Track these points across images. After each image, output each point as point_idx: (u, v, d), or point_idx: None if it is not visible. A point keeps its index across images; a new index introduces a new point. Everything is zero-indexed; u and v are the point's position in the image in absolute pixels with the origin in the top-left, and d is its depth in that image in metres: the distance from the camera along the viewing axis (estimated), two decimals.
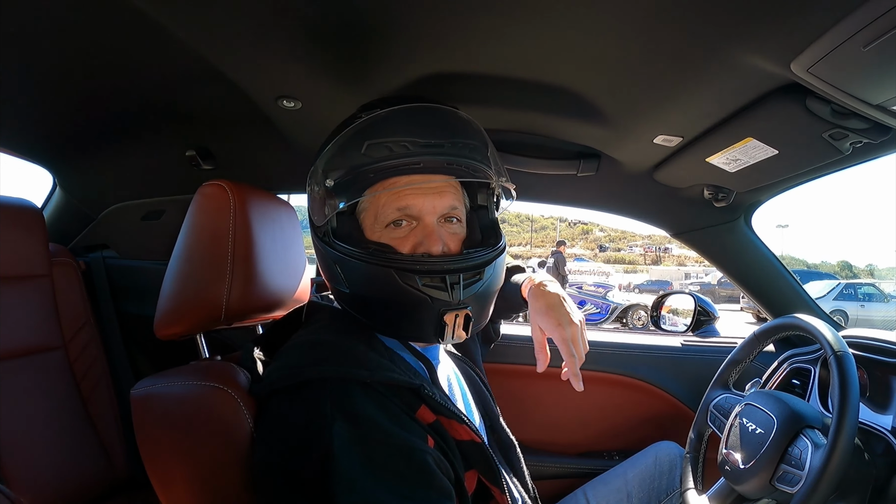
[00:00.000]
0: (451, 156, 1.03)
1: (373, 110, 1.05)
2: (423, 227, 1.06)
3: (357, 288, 1.04)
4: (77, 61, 1.38)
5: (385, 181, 1.03)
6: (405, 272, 0.98)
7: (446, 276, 1.00)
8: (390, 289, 0.99)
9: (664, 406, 2.05)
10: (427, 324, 1.02)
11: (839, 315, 14.91)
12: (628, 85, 1.23)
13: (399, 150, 1.00)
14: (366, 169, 1.02)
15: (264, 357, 1.16)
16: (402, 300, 1.00)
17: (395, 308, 1.02)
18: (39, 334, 1.86)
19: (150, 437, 1.00)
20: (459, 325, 1.02)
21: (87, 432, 1.91)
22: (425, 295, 0.99)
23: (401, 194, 1.04)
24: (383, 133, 1.01)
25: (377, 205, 1.06)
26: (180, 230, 1.22)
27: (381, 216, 1.05)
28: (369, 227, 1.07)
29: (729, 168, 1.48)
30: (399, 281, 0.98)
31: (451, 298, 1.00)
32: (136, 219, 2.25)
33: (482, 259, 1.05)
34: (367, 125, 1.03)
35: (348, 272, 1.03)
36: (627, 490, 1.62)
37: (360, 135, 1.02)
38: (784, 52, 0.94)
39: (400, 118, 1.04)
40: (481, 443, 1.06)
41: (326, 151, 1.06)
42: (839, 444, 1.09)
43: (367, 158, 1.01)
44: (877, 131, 1.13)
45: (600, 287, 16.66)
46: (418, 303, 0.99)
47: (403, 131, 1.02)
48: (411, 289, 0.98)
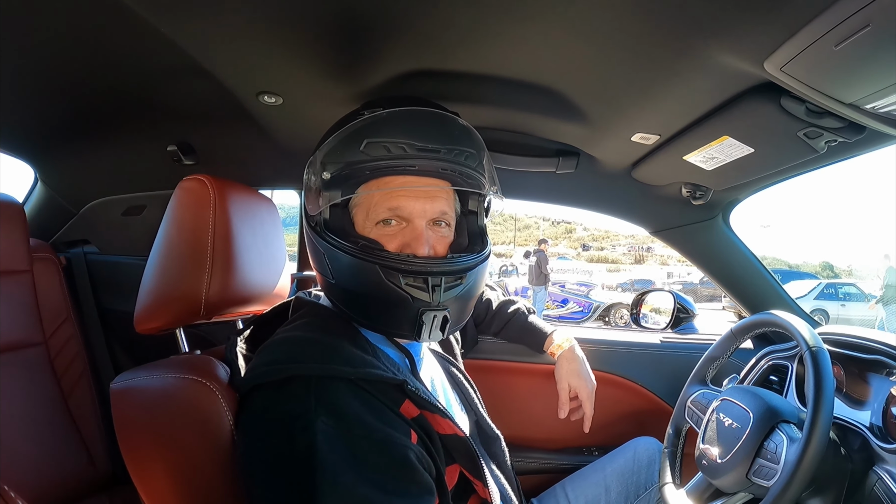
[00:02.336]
0: (447, 161, 1.07)
1: (375, 109, 1.07)
2: (412, 228, 1.09)
3: (342, 279, 1.06)
4: (59, 55, 1.38)
5: (379, 179, 1.07)
6: (390, 270, 1.01)
7: (429, 278, 1.03)
8: (374, 284, 1.02)
9: (643, 402, 2.06)
10: (405, 321, 1.05)
11: (820, 314, 15.03)
12: (605, 83, 1.24)
13: (396, 150, 1.03)
14: (362, 166, 1.04)
15: (247, 352, 1.17)
16: (384, 296, 1.02)
17: (376, 302, 1.04)
18: (20, 330, 1.85)
19: (130, 429, 1.00)
20: (437, 325, 1.05)
21: (67, 429, 1.90)
22: (406, 294, 1.02)
23: (393, 194, 1.07)
24: (383, 133, 1.04)
25: (370, 202, 1.08)
26: (161, 225, 1.22)
27: (373, 213, 1.08)
28: (360, 223, 1.10)
29: (706, 166, 1.49)
30: (383, 277, 1.01)
31: (430, 299, 1.03)
32: (117, 214, 2.24)
33: (465, 264, 1.09)
34: (369, 123, 1.05)
35: (335, 263, 1.06)
36: (606, 484, 1.63)
37: (360, 132, 1.05)
38: (757, 51, 0.95)
39: (400, 120, 1.06)
40: (464, 437, 1.08)
41: (326, 144, 1.08)
42: (814, 438, 1.10)
43: (364, 156, 1.04)
44: (851, 130, 1.15)
45: (583, 286, 16.69)
46: (399, 300, 1.02)
47: (402, 133, 1.04)
48: (394, 286, 1.01)
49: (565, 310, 14.91)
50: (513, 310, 1.84)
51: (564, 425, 1.68)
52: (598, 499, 1.61)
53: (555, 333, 1.75)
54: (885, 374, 1.36)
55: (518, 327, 1.82)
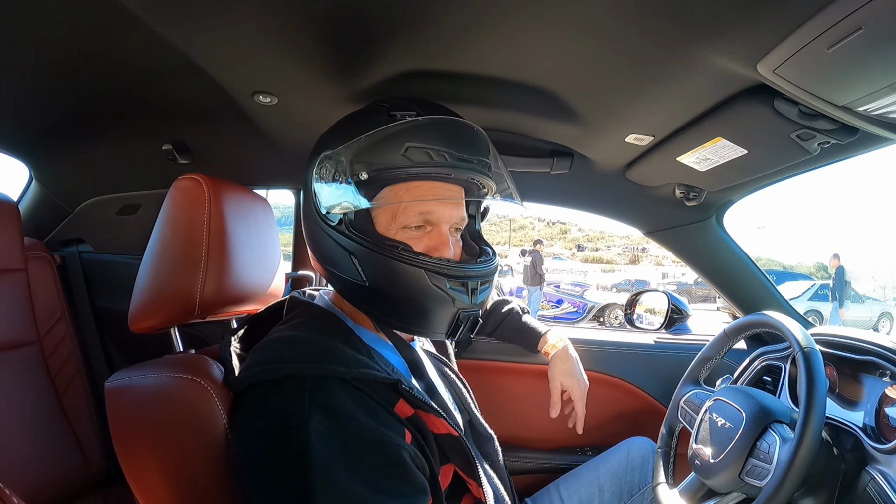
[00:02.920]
0: (475, 171, 1.09)
1: (406, 112, 1.08)
2: (438, 234, 1.11)
3: (378, 282, 1.06)
4: (54, 54, 1.37)
5: (411, 183, 1.07)
6: (435, 274, 1.04)
7: (468, 282, 1.07)
8: (419, 287, 1.04)
9: (637, 402, 2.07)
10: (445, 322, 1.08)
11: (814, 315, 15.08)
12: (600, 84, 1.25)
13: (437, 158, 1.05)
14: (402, 170, 1.05)
15: (241, 351, 1.17)
16: (429, 299, 1.05)
17: (418, 305, 1.06)
18: (14, 329, 1.84)
19: (124, 428, 1.00)
20: (468, 325, 1.11)
21: (62, 428, 1.89)
22: (450, 297, 1.05)
23: (424, 200, 1.08)
24: (423, 139, 1.05)
25: (398, 204, 1.08)
26: (155, 223, 1.22)
27: (402, 217, 1.08)
28: (384, 224, 1.09)
29: (699, 167, 1.50)
30: (428, 281, 1.03)
31: (470, 302, 1.07)
32: (112, 213, 2.24)
33: (493, 267, 1.15)
34: (409, 128, 1.05)
35: (369, 265, 1.05)
36: (600, 484, 1.64)
37: (401, 135, 1.04)
38: (750, 54, 0.95)
39: (440, 128, 1.08)
40: (459, 436, 1.08)
41: (356, 143, 1.06)
42: (806, 438, 1.11)
43: (406, 160, 1.04)
44: (844, 132, 1.15)
45: (578, 286, 16.70)
46: (444, 303, 1.05)
47: (442, 141, 1.06)
48: (439, 290, 1.04)
49: (560, 310, 14.93)
50: (507, 309, 1.84)
51: (558, 425, 1.68)
52: (592, 498, 1.62)
53: (548, 333, 1.76)
54: (877, 375, 1.37)
55: (512, 327, 1.83)
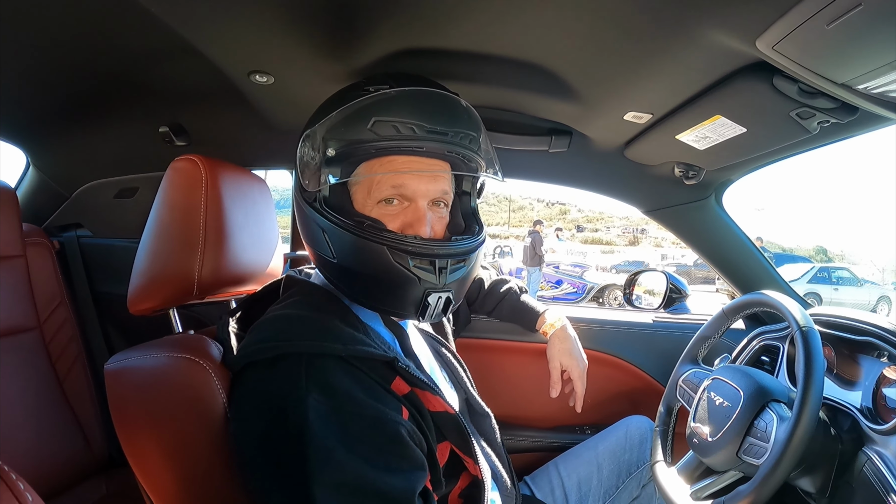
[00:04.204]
0: (452, 144, 1.07)
1: (380, 86, 1.06)
2: (415, 208, 1.08)
3: (345, 259, 1.05)
4: (48, 39, 1.37)
5: (383, 158, 1.06)
6: (398, 251, 1.01)
7: (436, 260, 1.04)
8: (381, 264, 1.02)
9: (635, 381, 2.08)
10: (411, 302, 1.05)
11: (813, 297, 15.05)
12: (597, 61, 1.23)
13: (405, 131, 1.03)
14: (369, 144, 1.03)
15: (239, 331, 1.18)
16: (392, 277, 1.02)
17: (382, 283, 1.04)
18: (14, 315, 1.84)
19: (124, 409, 1.00)
20: (440, 306, 1.07)
21: (63, 413, 1.90)
22: (414, 275, 1.02)
23: (398, 173, 1.06)
24: (391, 112, 1.03)
25: (372, 180, 1.08)
26: (153, 205, 1.22)
27: (375, 192, 1.07)
28: (360, 201, 1.09)
29: (698, 145, 1.49)
30: (391, 258, 1.01)
31: (437, 281, 1.04)
32: (110, 197, 2.23)
33: (468, 246, 1.10)
34: (377, 101, 1.04)
35: (337, 242, 1.05)
36: (598, 462, 1.65)
37: (367, 109, 1.04)
38: (749, 29, 0.95)
39: (408, 99, 1.06)
40: (454, 413, 1.09)
41: (328, 119, 1.06)
42: (803, 417, 1.11)
43: (372, 134, 1.03)
44: (844, 111, 1.14)
45: (577, 267, 16.71)
46: (407, 281, 1.03)
47: (411, 113, 1.04)
48: (402, 268, 1.02)
49: (559, 291, 14.94)
50: (505, 289, 1.84)
51: (557, 404, 1.69)
52: (590, 477, 1.63)
53: (547, 312, 1.76)
54: (875, 356, 1.37)
55: (510, 306, 1.82)
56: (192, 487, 0.98)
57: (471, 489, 1.14)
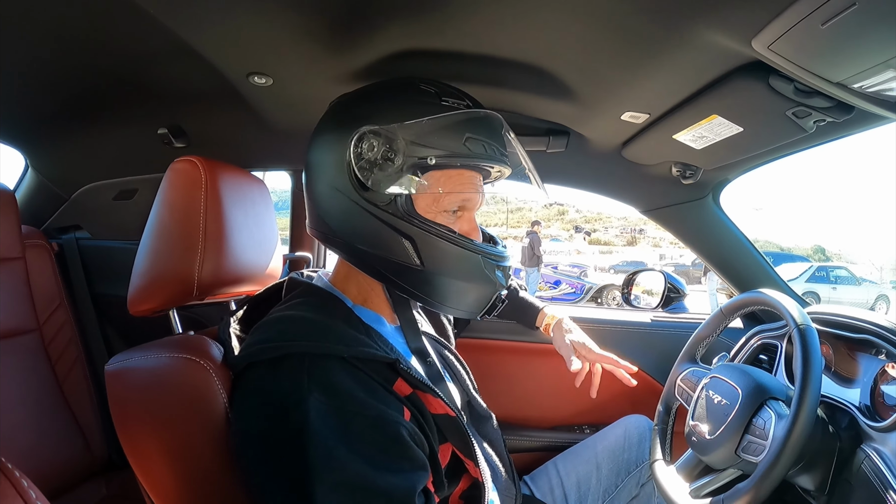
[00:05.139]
0: (507, 166, 1.16)
1: (456, 100, 1.10)
2: (470, 219, 1.16)
3: (436, 266, 1.08)
4: (46, 39, 1.37)
5: (452, 171, 1.10)
6: (489, 260, 1.11)
7: (506, 267, 1.16)
8: (475, 272, 1.10)
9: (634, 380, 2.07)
10: (484, 302, 1.15)
11: (811, 296, 15.09)
12: (594, 61, 1.24)
13: (490, 151, 1.09)
14: (462, 159, 1.08)
15: (240, 332, 1.18)
16: (480, 282, 1.12)
17: (469, 287, 1.13)
18: (13, 317, 1.84)
19: (125, 410, 1.01)
20: (498, 305, 1.18)
21: (63, 415, 1.90)
22: (494, 280, 1.12)
23: (466, 188, 1.12)
24: (480, 131, 1.08)
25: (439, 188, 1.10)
26: (152, 207, 1.22)
27: (446, 202, 1.10)
28: (424, 206, 1.09)
29: (695, 145, 1.50)
30: (482, 266, 1.10)
31: (505, 284, 1.16)
32: (109, 199, 2.23)
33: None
34: (469, 118, 1.09)
35: (427, 249, 1.07)
36: (597, 462, 1.66)
37: (462, 125, 1.07)
38: (745, 29, 0.95)
39: (491, 121, 1.12)
40: (455, 416, 1.09)
41: (416, 124, 1.03)
42: (801, 414, 1.11)
43: (466, 149, 1.06)
44: (839, 110, 1.15)
45: (576, 267, 16.71)
46: (489, 285, 1.13)
47: (492, 135, 1.11)
48: (488, 275, 1.11)
49: (558, 291, 14.95)
50: None
51: (556, 404, 1.69)
52: (590, 476, 1.64)
53: (546, 308, 1.78)
54: (873, 354, 1.37)
55: (510, 304, 1.83)
56: (193, 487, 0.98)
57: (471, 491, 1.14)
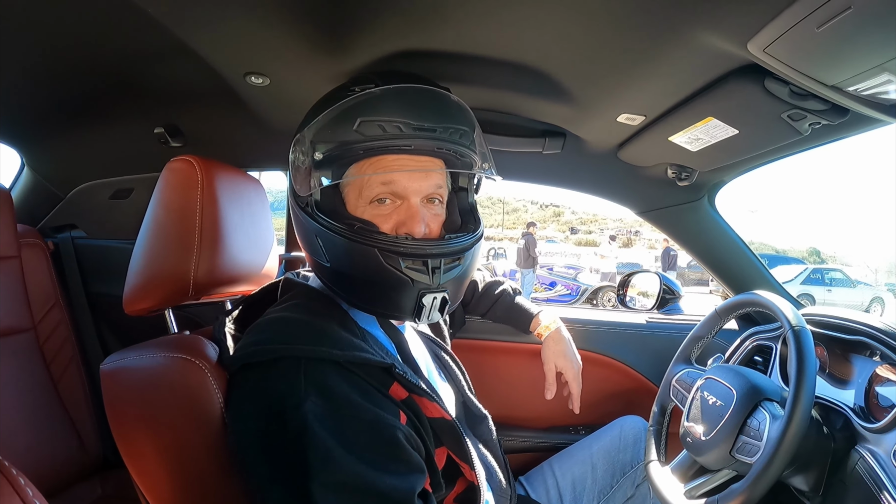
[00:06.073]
0: (442, 140, 1.06)
1: (366, 85, 1.05)
2: (407, 206, 1.08)
3: (338, 263, 1.05)
4: (43, 38, 1.37)
5: (373, 158, 1.05)
6: (389, 253, 1.01)
7: (428, 261, 1.03)
8: (372, 267, 1.01)
9: (629, 381, 2.08)
10: (406, 303, 1.05)
11: (806, 298, 15.17)
12: (590, 63, 1.24)
13: (392, 130, 1.02)
14: (356, 145, 1.03)
15: (235, 331, 1.18)
16: (384, 279, 1.02)
17: (375, 286, 1.04)
18: (9, 316, 1.84)
19: (120, 410, 1.01)
20: (436, 306, 1.06)
21: (58, 414, 1.90)
22: (407, 277, 1.02)
23: (387, 172, 1.05)
24: (377, 111, 1.02)
25: (362, 180, 1.07)
26: (148, 206, 1.22)
27: (366, 192, 1.07)
28: (353, 202, 1.08)
29: (691, 147, 1.50)
30: (382, 260, 1.00)
31: (431, 282, 1.03)
32: (105, 198, 2.23)
33: (462, 245, 1.09)
34: (362, 101, 1.03)
35: (330, 246, 1.04)
36: (592, 462, 1.66)
37: (352, 110, 1.03)
38: (740, 32, 0.95)
39: (394, 97, 1.04)
40: (451, 420, 1.09)
41: (316, 122, 1.06)
42: (796, 415, 1.11)
43: (359, 135, 1.02)
44: (834, 113, 1.15)
45: (571, 269, 16.68)
46: (399, 283, 1.02)
47: (397, 112, 1.03)
48: (393, 269, 1.01)
49: (553, 293, 14.92)
50: (499, 291, 1.84)
51: (551, 404, 1.69)
52: (585, 476, 1.64)
53: (541, 314, 1.76)
54: (867, 355, 1.38)
55: (504, 308, 1.82)
56: (188, 487, 0.98)
57: (467, 494, 1.14)
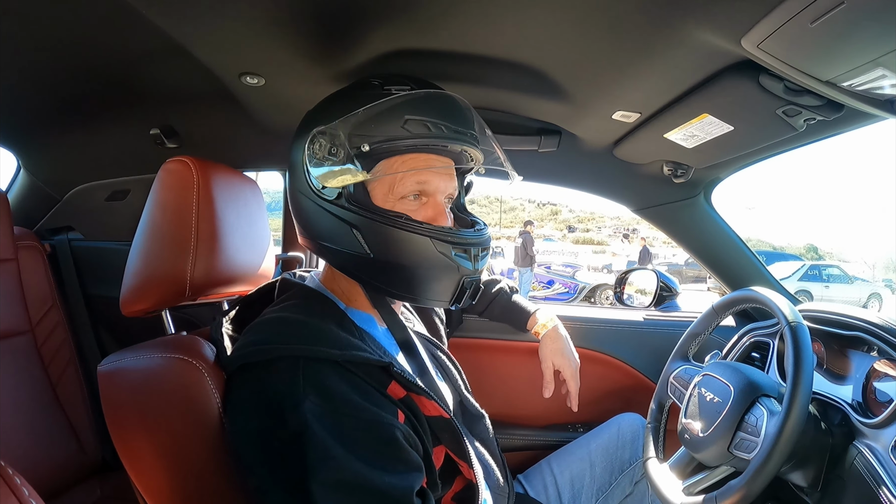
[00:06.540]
0: (469, 144, 1.11)
1: (400, 86, 1.09)
2: (434, 204, 1.13)
3: (384, 253, 1.06)
4: (39, 41, 1.36)
5: (406, 156, 1.09)
6: (440, 241, 1.06)
7: (470, 248, 1.10)
8: (425, 255, 1.06)
9: (627, 379, 2.08)
10: (449, 288, 1.11)
11: (804, 295, 15.18)
12: (585, 61, 1.24)
13: (435, 130, 1.06)
14: (402, 141, 1.06)
15: (233, 332, 1.18)
16: (435, 266, 1.07)
17: (425, 273, 1.08)
18: (6, 319, 1.84)
19: (118, 411, 1.00)
20: (471, 292, 1.13)
21: (56, 416, 1.90)
22: (455, 263, 1.07)
23: (421, 170, 1.09)
24: (422, 111, 1.06)
25: (395, 177, 1.09)
26: (144, 207, 1.22)
27: (399, 188, 1.09)
28: (381, 197, 1.10)
29: (687, 144, 1.50)
30: (434, 248, 1.05)
31: (473, 268, 1.10)
32: (101, 199, 2.23)
33: (489, 236, 1.18)
34: (408, 100, 1.06)
35: (373, 237, 1.06)
36: (591, 460, 1.66)
37: (399, 108, 1.06)
38: (734, 28, 0.95)
39: (436, 100, 1.10)
40: (449, 418, 1.09)
41: (352, 116, 1.06)
42: (793, 410, 1.11)
43: (405, 132, 1.05)
44: (829, 108, 1.16)
45: (569, 267, 16.69)
46: (449, 269, 1.08)
47: (439, 113, 1.07)
48: (444, 257, 1.06)
49: (551, 291, 14.93)
50: (496, 289, 1.85)
51: (549, 403, 1.69)
52: (583, 474, 1.64)
53: (538, 312, 1.76)
54: (865, 351, 1.38)
55: (501, 306, 1.83)
56: (187, 488, 0.98)
57: (465, 492, 1.15)
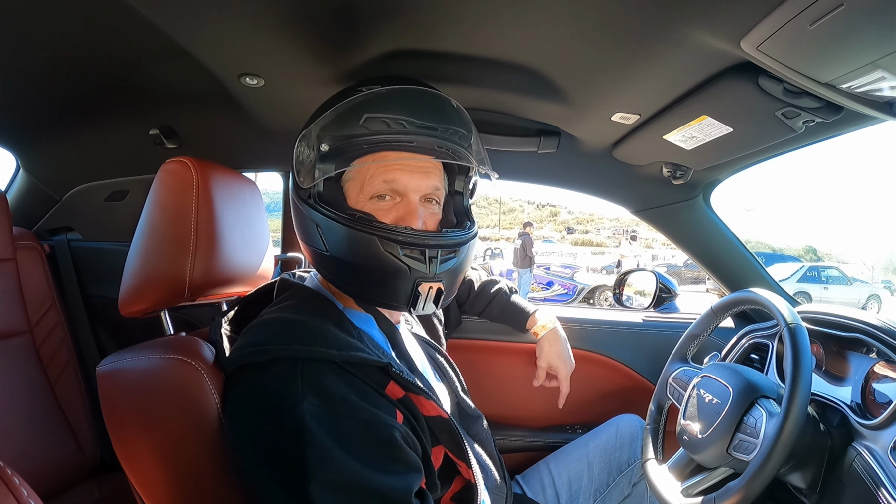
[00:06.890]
0: (442, 139, 1.09)
1: (372, 86, 1.08)
2: (406, 203, 1.10)
3: (337, 251, 1.06)
4: (38, 41, 1.36)
5: (376, 153, 1.08)
6: (388, 240, 1.03)
7: (426, 250, 1.05)
8: (371, 254, 1.03)
9: (625, 380, 2.08)
10: (402, 292, 1.06)
11: (803, 296, 15.18)
12: (584, 63, 1.24)
13: (396, 126, 1.05)
14: (361, 139, 1.06)
15: (231, 332, 1.18)
16: (382, 266, 1.04)
17: (373, 273, 1.05)
18: (5, 319, 1.83)
19: (117, 411, 1.00)
20: (431, 297, 1.08)
21: (55, 417, 1.89)
22: (404, 264, 1.03)
23: (390, 168, 1.08)
24: (383, 108, 1.06)
25: (364, 176, 1.09)
26: (144, 208, 1.22)
27: (368, 187, 1.09)
28: (354, 197, 1.10)
29: (686, 146, 1.50)
30: (381, 248, 1.02)
31: (427, 271, 1.05)
32: (100, 200, 2.23)
33: (458, 239, 1.11)
34: (369, 99, 1.07)
35: (330, 235, 1.06)
36: (589, 461, 1.66)
37: (360, 107, 1.06)
38: (733, 30, 0.96)
39: (399, 97, 1.09)
40: (448, 418, 1.09)
41: (322, 118, 1.08)
42: (792, 412, 1.11)
43: (364, 130, 1.05)
44: (828, 110, 1.16)
45: (567, 268, 16.68)
46: (397, 270, 1.04)
47: (402, 110, 1.07)
48: (392, 257, 1.03)
49: (550, 292, 14.91)
50: (495, 290, 1.85)
51: (548, 404, 1.70)
52: (581, 475, 1.64)
53: (537, 313, 1.77)
54: (864, 352, 1.38)
55: (500, 307, 1.83)
56: (186, 488, 0.98)
57: (464, 492, 1.15)
